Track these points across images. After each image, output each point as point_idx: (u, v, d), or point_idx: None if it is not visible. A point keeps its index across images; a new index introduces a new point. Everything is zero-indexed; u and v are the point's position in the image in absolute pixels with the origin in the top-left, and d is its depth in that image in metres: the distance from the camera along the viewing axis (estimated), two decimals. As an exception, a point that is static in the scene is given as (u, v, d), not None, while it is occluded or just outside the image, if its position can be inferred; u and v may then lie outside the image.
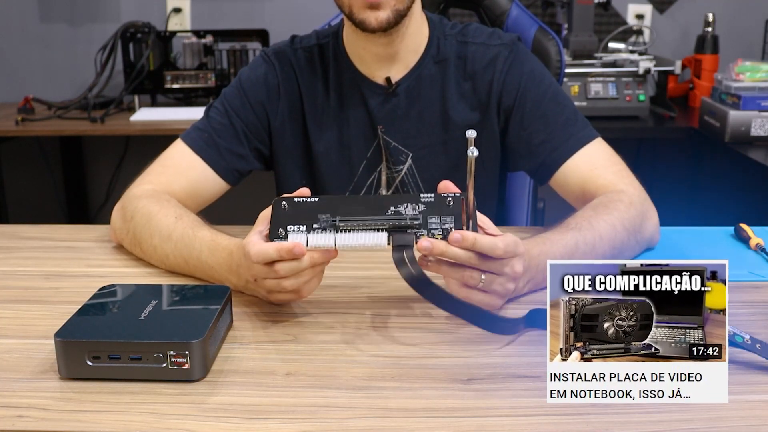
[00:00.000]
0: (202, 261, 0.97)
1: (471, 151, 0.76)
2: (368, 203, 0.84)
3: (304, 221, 0.83)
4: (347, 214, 0.83)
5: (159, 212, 1.05)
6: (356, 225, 0.82)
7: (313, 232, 0.82)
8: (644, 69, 2.40)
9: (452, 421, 0.66)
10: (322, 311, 0.89)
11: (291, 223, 0.83)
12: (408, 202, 0.83)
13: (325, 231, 0.82)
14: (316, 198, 0.85)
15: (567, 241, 0.94)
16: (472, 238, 0.79)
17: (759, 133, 2.08)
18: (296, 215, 0.84)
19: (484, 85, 1.20)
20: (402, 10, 1.11)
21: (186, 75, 2.68)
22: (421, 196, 0.83)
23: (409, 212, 0.82)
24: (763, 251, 1.07)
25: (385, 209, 0.83)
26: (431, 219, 0.82)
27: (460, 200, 0.83)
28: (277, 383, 0.73)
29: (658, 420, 0.66)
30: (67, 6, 2.92)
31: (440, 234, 0.81)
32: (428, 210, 0.82)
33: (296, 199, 0.85)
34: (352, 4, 1.10)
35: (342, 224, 0.82)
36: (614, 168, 1.12)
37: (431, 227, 0.81)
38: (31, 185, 3.07)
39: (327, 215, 0.83)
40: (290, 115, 1.24)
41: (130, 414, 0.68)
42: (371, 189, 1.25)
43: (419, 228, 0.81)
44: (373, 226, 0.82)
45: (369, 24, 1.10)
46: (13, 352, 0.79)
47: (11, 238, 1.18)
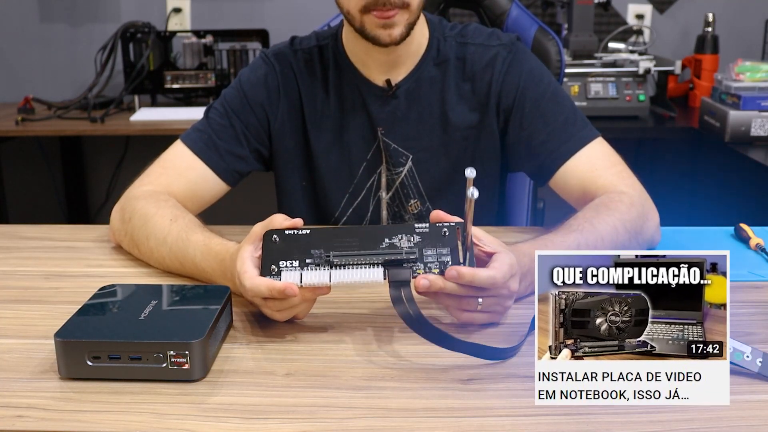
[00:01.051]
0: (196, 265, 0.97)
1: (471, 192, 0.75)
2: (361, 235, 0.82)
3: (296, 256, 0.81)
4: (341, 248, 0.80)
5: (155, 214, 1.04)
6: (351, 260, 0.80)
7: (307, 269, 0.80)
8: (644, 69, 2.40)
9: (452, 421, 0.66)
10: (322, 311, 0.89)
11: (283, 259, 0.81)
12: (402, 234, 0.81)
13: (319, 267, 0.80)
14: (308, 230, 0.82)
15: (569, 243, 0.94)
16: (470, 275, 0.78)
17: (759, 133, 2.08)
18: (288, 250, 0.81)
19: (484, 86, 1.20)
20: (413, 21, 1.11)
21: (186, 75, 2.68)
22: (415, 226, 0.82)
23: (404, 245, 0.81)
24: (763, 251, 1.07)
25: (380, 242, 0.81)
26: (427, 251, 0.80)
27: (455, 230, 0.82)
28: (277, 383, 0.73)
29: (658, 420, 0.66)
30: (67, 6, 2.91)
31: (437, 268, 0.80)
32: (423, 242, 0.81)
33: (287, 231, 0.83)
34: (365, 21, 1.09)
35: (336, 260, 0.80)
36: (615, 168, 1.12)
37: (427, 260, 0.80)
38: (31, 185, 3.07)
39: (320, 250, 0.81)
40: (290, 116, 1.24)
41: (130, 414, 0.68)
42: (371, 190, 1.25)
43: (415, 262, 0.80)
44: (368, 261, 0.80)
45: (383, 41, 1.10)
46: (13, 352, 0.79)
47: (11, 238, 1.18)
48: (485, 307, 0.82)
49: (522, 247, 0.90)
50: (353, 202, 1.25)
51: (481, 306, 0.82)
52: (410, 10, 1.09)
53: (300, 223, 0.84)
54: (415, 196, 1.24)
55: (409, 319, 0.77)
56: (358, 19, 1.10)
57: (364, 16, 1.09)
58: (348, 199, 1.25)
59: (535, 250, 0.91)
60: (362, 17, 1.09)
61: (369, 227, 0.84)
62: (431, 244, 0.81)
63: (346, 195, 1.25)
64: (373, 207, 1.25)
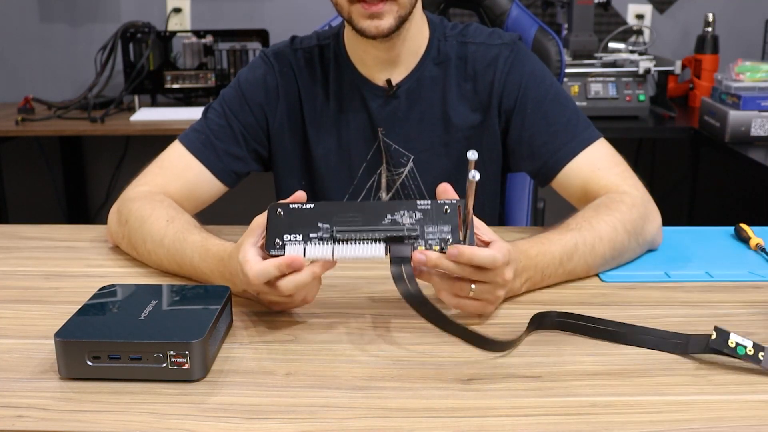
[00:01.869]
0: (194, 266, 0.96)
1: (472, 174, 0.75)
2: (364, 210, 0.82)
3: (300, 230, 0.82)
4: (344, 223, 0.81)
5: (151, 215, 1.04)
6: (353, 235, 0.81)
7: (311, 243, 0.81)
8: (644, 69, 2.40)
9: (452, 421, 0.66)
10: (322, 311, 0.89)
11: (287, 232, 0.81)
12: (404, 210, 0.82)
13: (322, 241, 0.81)
14: (312, 204, 0.83)
15: (566, 242, 0.94)
16: (470, 253, 0.79)
17: (759, 133, 2.08)
18: (292, 223, 0.82)
19: (485, 86, 1.20)
20: (404, 15, 1.11)
21: (186, 75, 2.68)
22: (417, 203, 0.82)
23: (406, 221, 0.81)
24: (763, 251, 1.07)
25: (382, 217, 0.81)
26: (428, 228, 0.81)
27: (456, 207, 0.82)
28: (277, 383, 0.73)
29: (658, 420, 0.66)
30: (67, 6, 2.92)
31: (437, 245, 0.80)
32: (425, 218, 0.81)
33: (291, 205, 0.83)
34: (351, 12, 1.09)
35: (339, 235, 0.81)
36: (617, 169, 1.12)
37: (428, 237, 0.80)
38: (31, 185, 3.07)
39: (324, 224, 0.82)
40: (289, 116, 1.23)
41: (130, 414, 0.68)
42: (371, 191, 1.24)
43: (417, 239, 0.80)
44: (371, 237, 0.80)
45: (369, 33, 1.10)
46: (13, 352, 0.79)
47: (11, 238, 1.18)
48: (477, 294, 0.82)
49: (519, 245, 0.91)
50: (353, 202, 1.25)
51: (473, 293, 0.82)
52: (399, 2, 1.08)
53: (303, 197, 0.85)
54: (416, 196, 1.24)
55: (410, 296, 0.77)
56: (346, 9, 1.10)
57: (352, 6, 1.09)
58: (348, 200, 1.25)
59: (532, 247, 0.92)
60: (350, 7, 1.10)
61: (371, 203, 0.84)
62: (432, 221, 0.81)
63: (346, 196, 1.25)
64: (373, 207, 1.25)
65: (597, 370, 0.74)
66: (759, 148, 2.05)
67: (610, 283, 0.97)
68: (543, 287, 0.94)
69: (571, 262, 0.94)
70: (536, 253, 0.91)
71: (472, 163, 0.75)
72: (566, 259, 0.94)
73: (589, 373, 0.74)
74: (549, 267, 0.93)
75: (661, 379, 0.73)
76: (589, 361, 0.77)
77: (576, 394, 0.70)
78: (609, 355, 0.78)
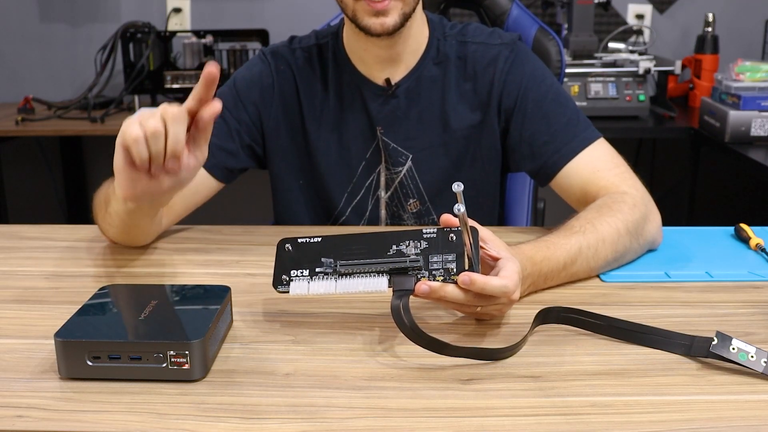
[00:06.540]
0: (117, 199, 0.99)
1: (457, 207, 0.74)
2: (371, 242, 0.84)
3: (307, 265, 0.84)
4: (349, 256, 0.83)
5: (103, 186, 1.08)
6: (357, 269, 0.82)
7: (316, 278, 0.83)
8: (644, 69, 2.40)
9: (452, 421, 0.66)
10: (322, 311, 0.89)
11: (294, 268, 0.84)
12: (410, 239, 0.82)
13: (327, 276, 0.83)
14: (320, 238, 0.85)
15: (570, 246, 0.94)
16: (482, 282, 0.78)
17: (759, 133, 2.07)
18: (299, 258, 0.84)
19: (485, 85, 1.20)
20: (408, 12, 1.11)
21: (186, 75, 2.68)
22: (423, 231, 0.83)
23: (410, 251, 0.82)
24: (763, 251, 1.07)
25: (387, 248, 0.82)
26: (432, 258, 0.81)
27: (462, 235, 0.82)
28: (277, 383, 0.73)
29: (658, 420, 0.66)
30: (67, 6, 2.91)
31: (441, 276, 0.80)
32: (430, 247, 0.82)
33: (299, 239, 0.85)
34: (356, 9, 1.10)
35: (343, 269, 0.82)
36: (617, 170, 1.12)
37: (432, 267, 0.81)
38: (31, 185, 3.07)
39: (329, 259, 0.83)
40: (286, 115, 1.23)
41: (130, 414, 0.67)
42: (370, 190, 1.24)
43: (420, 270, 0.81)
44: (374, 270, 0.82)
45: (374, 30, 1.10)
46: (13, 352, 0.79)
47: (11, 238, 1.18)
48: (483, 311, 0.83)
49: (524, 250, 0.90)
50: (352, 201, 1.25)
51: (480, 309, 0.82)
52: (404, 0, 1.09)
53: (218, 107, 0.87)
54: (414, 195, 1.24)
55: (407, 331, 0.76)
56: (351, 6, 1.10)
57: (356, 4, 1.09)
58: (347, 198, 1.25)
59: (537, 252, 0.92)
60: (354, 5, 1.10)
61: (378, 233, 0.84)
62: (437, 250, 0.81)
63: (345, 194, 1.25)
64: (372, 206, 1.25)
65: (597, 370, 0.74)
66: (759, 148, 2.05)
67: (610, 283, 0.97)
68: (545, 288, 0.95)
69: (574, 265, 0.95)
70: (541, 259, 0.91)
71: (459, 196, 0.74)
72: (570, 263, 0.94)
73: (589, 373, 0.74)
74: (552, 272, 0.93)
75: (661, 379, 0.73)
76: (589, 361, 0.77)
77: (576, 394, 0.70)
78: (609, 355, 0.78)
